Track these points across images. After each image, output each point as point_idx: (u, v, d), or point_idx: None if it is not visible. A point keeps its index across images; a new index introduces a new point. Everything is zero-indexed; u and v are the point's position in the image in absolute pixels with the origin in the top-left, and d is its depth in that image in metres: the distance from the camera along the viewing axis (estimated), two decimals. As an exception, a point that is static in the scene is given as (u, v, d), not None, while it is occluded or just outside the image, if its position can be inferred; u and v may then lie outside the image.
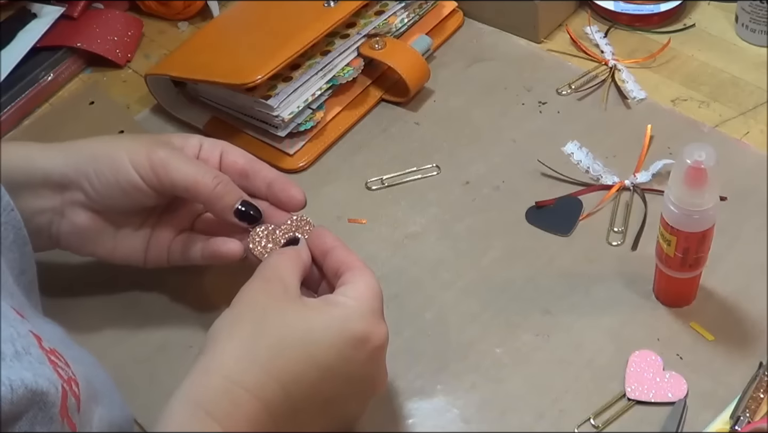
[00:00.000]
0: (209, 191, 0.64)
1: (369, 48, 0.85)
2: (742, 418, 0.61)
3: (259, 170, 0.68)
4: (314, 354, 0.54)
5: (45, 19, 0.95)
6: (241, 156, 0.69)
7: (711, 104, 0.83)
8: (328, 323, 0.55)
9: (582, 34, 0.91)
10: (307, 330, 0.55)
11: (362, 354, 0.56)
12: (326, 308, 0.56)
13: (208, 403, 0.52)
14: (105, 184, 0.65)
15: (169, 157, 0.64)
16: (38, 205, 0.66)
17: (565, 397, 0.64)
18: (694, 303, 0.68)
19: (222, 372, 0.53)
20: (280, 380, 0.53)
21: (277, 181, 0.67)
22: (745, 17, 0.87)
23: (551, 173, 0.78)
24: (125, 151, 0.65)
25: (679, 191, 0.60)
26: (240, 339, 0.54)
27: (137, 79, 0.93)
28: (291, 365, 0.54)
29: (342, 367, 0.55)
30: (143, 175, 0.64)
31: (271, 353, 0.54)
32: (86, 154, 0.66)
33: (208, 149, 0.69)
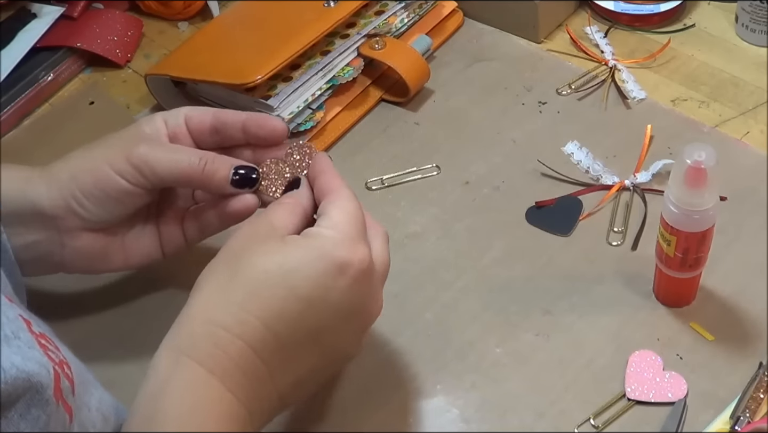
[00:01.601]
0: (198, 174, 0.62)
1: (369, 48, 0.85)
2: (742, 418, 0.61)
3: (227, 119, 0.66)
4: (292, 286, 0.53)
5: (45, 19, 0.95)
6: (204, 113, 0.66)
7: (711, 104, 0.83)
8: (304, 254, 0.54)
9: (582, 34, 0.91)
10: (282, 264, 0.53)
11: (343, 281, 0.54)
12: (302, 240, 0.55)
13: (190, 348, 0.52)
14: (95, 201, 0.63)
15: (148, 153, 0.62)
16: (32, 238, 0.64)
17: (564, 397, 0.64)
18: (693, 303, 0.68)
19: (201, 316, 0.53)
20: (261, 317, 0.52)
21: (251, 121, 0.65)
22: (745, 17, 0.87)
23: (551, 173, 0.78)
24: (103, 161, 0.63)
25: (679, 191, 0.60)
26: (217, 282, 0.54)
27: (137, 79, 0.93)
28: (270, 301, 0.53)
29: (324, 296, 0.54)
30: (130, 179, 0.63)
31: (247, 290, 0.53)
32: (66, 178, 0.64)
33: (173, 124, 0.66)
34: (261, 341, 0.52)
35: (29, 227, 0.64)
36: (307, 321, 0.54)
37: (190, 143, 0.66)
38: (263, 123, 0.65)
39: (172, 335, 0.53)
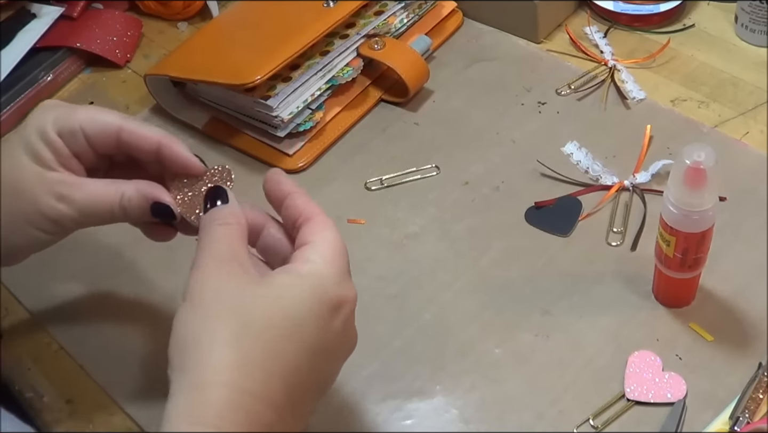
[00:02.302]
0: (123, 219, 0.60)
1: (368, 48, 0.85)
2: (741, 418, 0.61)
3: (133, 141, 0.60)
4: (301, 336, 0.51)
5: (44, 19, 0.95)
6: (107, 128, 0.60)
7: (710, 104, 0.83)
8: (307, 299, 0.52)
9: (581, 34, 0.91)
10: (288, 313, 0.51)
11: (339, 320, 0.53)
12: (300, 282, 0.52)
13: (217, 418, 0.48)
14: (19, 252, 0.61)
15: (68, 213, 0.59)
16: None
17: (564, 397, 0.64)
18: (693, 303, 0.68)
19: (222, 382, 0.49)
20: (282, 375, 0.50)
21: (165, 150, 0.60)
22: (745, 17, 0.87)
23: (551, 174, 0.78)
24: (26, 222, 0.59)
25: (679, 192, 0.60)
26: (226, 342, 0.50)
27: (137, 80, 0.93)
28: (287, 356, 0.51)
29: (325, 337, 0.53)
30: (58, 232, 0.60)
31: (266, 349, 0.50)
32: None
33: (72, 141, 0.60)
34: (279, 399, 0.50)
35: None
36: (314, 367, 0.53)
37: (93, 159, 0.61)
38: (176, 157, 0.60)
39: (186, 404, 0.49)
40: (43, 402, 0.69)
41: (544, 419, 0.63)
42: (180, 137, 0.86)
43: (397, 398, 0.65)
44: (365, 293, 0.72)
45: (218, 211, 0.56)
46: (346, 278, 0.54)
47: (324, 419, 0.65)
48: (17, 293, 0.75)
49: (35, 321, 0.74)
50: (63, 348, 0.72)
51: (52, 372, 0.70)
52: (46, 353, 0.72)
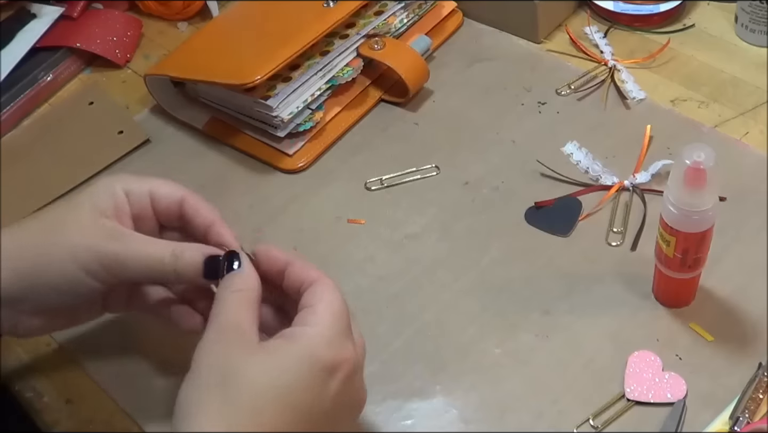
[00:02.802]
0: (171, 273, 0.59)
1: (368, 48, 0.85)
2: (741, 418, 0.61)
3: (193, 214, 0.62)
4: (292, 402, 0.51)
5: (44, 19, 0.95)
6: (170, 196, 0.62)
7: (710, 104, 0.83)
8: (293, 363, 0.52)
9: (581, 34, 0.91)
10: (276, 379, 0.52)
11: (336, 383, 0.53)
12: (289, 346, 0.53)
13: None
14: (61, 295, 0.60)
15: (120, 254, 0.58)
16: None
17: (564, 397, 0.64)
18: (693, 304, 0.68)
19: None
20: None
21: (213, 231, 0.61)
22: (745, 17, 0.87)
23: (550, 174, 0.78)
24: (68, 255, 0.58)
25: (679, 192, 0.60)
26: (214, 409, 0.50)
27: (137, 80, 0.93)
28: (274, 420, 0.51)
29: (321, 402, 0.53)
30: (98, 278, 0.59)
31: (251, 415, 0.50)
32: (27, 269, 0.59)
33: (137, 201, 0.62)
34: None
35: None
36: (310, 427, 0.53)
37: (154, 226, 0.63)
38: (227, 242, 0.61)
39: None
40: (43, 402, 0.69)
41: (543, 419, 0.63)
42: (180, 137, 0.87)
43: (397, 398, 0.65)
44: (365, 293, 0.72)
45: (231, 278, 0.56)
46: (342, 339, 0.54)
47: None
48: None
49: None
50: (63, 348, 0.72)
51: (52, 372, 0.70)
52: (46, 353, 0.72)
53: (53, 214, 0.61)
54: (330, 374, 0.53)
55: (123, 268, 0.58)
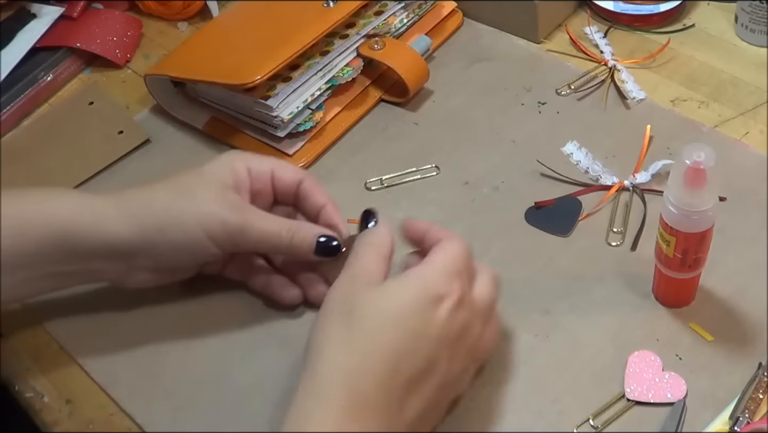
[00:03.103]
0: (286, 246, 0.66)
1: (368, 48, 0.85)
2: (741, 418, 0.61)
3: (308, 195, 0.70)
4: (399, 326, 0.56)
5: (44, 19, 0.95)
6: (291, 176, 0.70)
7: (710, 104, 0.83)
8: (404, 294, 0.57)
9: (581, 34, 0.91)
10: (388, 308, 0.57)
11: (442, 311, 0.57)
12: (404, 281, 0.58)
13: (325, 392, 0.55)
14: (181, 256, 0.67)
15: (243, 224, 0.65)
16: (101, 268, 0.67)
17: (564, 397, 0.64)
18: (693, 303, 0.68)
19: (331, 365, 0.55)
20: (383, 359, 0.55)
21: (325, 212, 0.69)
22: (745, 17, 0.87)
23: (550, 174, 0.78)
24: (195, 221, 0.65)
25: (679, 192, 0.60)
26: (337, 336, 0.57)
27: (137, 80, 0.93)
28: (386, 344, 0.56)
29: (428, 326, 0.57)
30: (222, 246, 0.66)
31: (365, 339, 0.56)
32: (154, 227, 0.65)
33: (258, 178, 0.69)
34: (385, 378, 0.55)
35: (99, 259, 0.66)
36: (420, 352, 0.57)
37: (270, 201, 0.70)
38: (336, 223, 0.69)
39: (306, 384, 0.56)
40: (43, 402, 0.69)
41: (543, 418, 0.63)
42: (180, 137, 0.87)
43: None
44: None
45: (366, 234, 0.63)
46: (451, 276, 0.58)
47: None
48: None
49: (35, 321, 0.73)
50: (63, 348, 0.72)
51: (52, 372, 0.70)
52: (46, 353, 0.72)
53: (182, 181, 0.67)
54: (435, 305, 0.57)
55: (243, 238, 0.65)
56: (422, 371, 0.57)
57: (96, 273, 0.68)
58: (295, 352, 0.69)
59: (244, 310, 0.72)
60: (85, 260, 0.66)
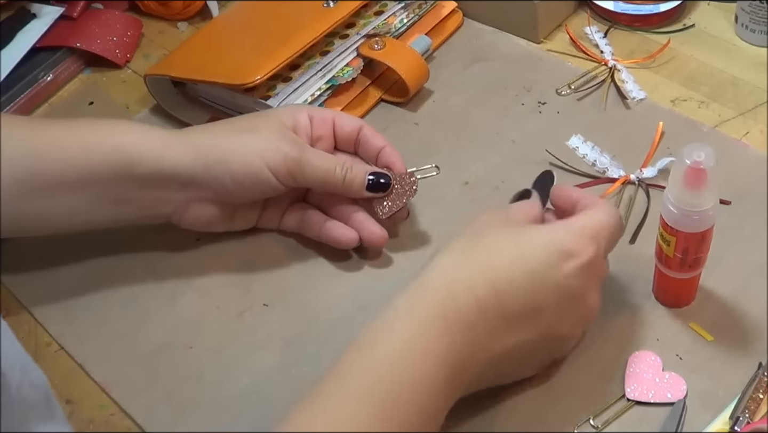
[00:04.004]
0: (339, 183, 0.70)
1: (368, 48, 0.85)
2: (741, 418, 0.61)
3: (368, 139, 0.74)
4: (522, 260, 0.58)
5: (44, 19, 0.95)
6: (352, 123, 0.74)
7: (710, 104, 0.83)
8: (538, 235, 0.60)
9: (581, 34, 0.91)
10: (517, 242, 0.59)
11: (569, 267, 0.58)
12: (538, 228, 0.61)
13: (426, 292, 0.57)
14: (241, 187, 0.69)
15: (302, 158, 0.69)
16: (162, 198, 0.70)
17: (564, 397, 0.64)
18: (693, 303, 0.68)
19: (440, 272, 0.58)
20: (493, 281, 0.57)
21: (384, 153, 0.73)
22: (745, 17, 0.87)
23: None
24: (257, 155, 0.68)
25: (679, 192, 0.60)
26: (458, 248, 0.59)
27: (137, 80, 0.93)
28: (502, 269, 0.57)
29: (549, 275, 0.58)
30: (281, 179, 0.69)
31: (484, 256, 0.58)
32: (217, 157, 0.68)
33: (320, 126, 0.73)
34: (488, 303, 0.57)
35: (163, 187, 0.70)
36: (531, 295, 0.58)
37: (332, 147, 0.74)
38: (392, 161, 0.73)
39: (411, 286, 0.58)
40: (43, 402, 0.69)
41: (544, 419, 0.63)
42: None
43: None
44: (366, 292, 0.72)
45: (522, 204, 0.65)
46: (587, 239, 0.59)
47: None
48: (17, 292, 0.75)
49: (35, 321, 0.73)
50: (63, 348, 0.72)
51: (52, 372, 0.70)
52: (46, 353, 0.72)
53: (245, 120, 0.73)
54: (564, 259, 0.58)
55: (301, 172, 0.69)
56: (525, 314, 0.58)
57: (156, 203, 0.70)
58: (296, 352, 0.69)
59: (244, 310, 0.72)
60: (148, 185, 0.69)
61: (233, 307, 0.72)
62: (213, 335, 0.71)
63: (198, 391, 0.68)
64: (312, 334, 0.70)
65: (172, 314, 0.72)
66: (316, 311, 0.71)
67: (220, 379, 0.68)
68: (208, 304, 0.73)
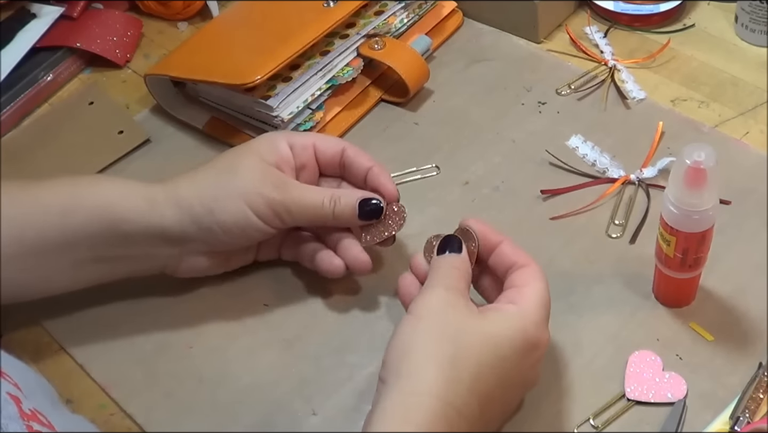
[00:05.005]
0: (330, 217, 0.67)
1: (368, 48, 0.85)
2: (741, 418, 0.61)
3: (353, 161, 0.70)
4: (504, 369, 0.58)
5: (44, 19, 0.95)
6: (333, 147, 0.71)
7: (711, 104, 0.83)
8: (512, 337, 0.58)
9: (582, 34, 0.91)
10: (496, 348, 0.57)
11: (531, 359, 0.59)
12: (507, 321, 0.59)
13: (427, 424, 0.54)
14: (232, 237, 0.67)
15: (286, 200, 0.66)
16: (152, 253, 0.69)
17: (564, 397, 0.64)
18: (693, 303, 0.68)
19: (434, 395, 0.55)
20: (479, 397, 0.56)
21: (372, 174, 0.70)
22: (745, 17, 0.87)
23: (550, 173, 0.78)
24: (240, 198, 0.66)
25: (679, 192, 0.60)
26: (442, 361, 0.56)
27: (137, 79, 0.93)
28: (487, 385, 0.57)
29: (518, 374, 0.59)
30: (270, 223, 0.67)
31: (472, 374, 0.56)
32: (199, 208, 0.66)
33: (301, 153, 0.70)
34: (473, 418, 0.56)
35: (150, 244, 0.68)
36: (504, 398, 0.59)
37: (316, 174, 0.72)
38: (380, 185, 0.69)
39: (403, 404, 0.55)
40: (43, 402, 0.69)
41: (544, 418, 0.63)
42: (180, 137, 0.87)
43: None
44: (366, 292, 0.72)
45: (452, 257, 0.62)
46: (545, 323, 0.60)
47: (325, 418, 0.65)
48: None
49: (35, 321, 0.73)
50: (63, 348, 0.72)
51: (52, 372, 0.70)
52: (46, 353, 0.72)
53: (226, 161, 0.69)
54: (531, 351, 0.59)
55: (288, 213, 0.67)
56: (498, 412, 0.60)
57: (147, 258, 0.69)
58: (296, 352, 0.69)
59: (244, 310, 0.72)
60: (135, 243, 0.67)
61: (233, 307, 0.72)
62: (213, 335, 0.71)
63: (198, 391, 0.68)
64: (312, 334, 0.70)
65: (172, 314, 0.72)
66: (316, 311, 0.71)
67: (220, 379, 0.68)
68: (208, 304, 0.73)
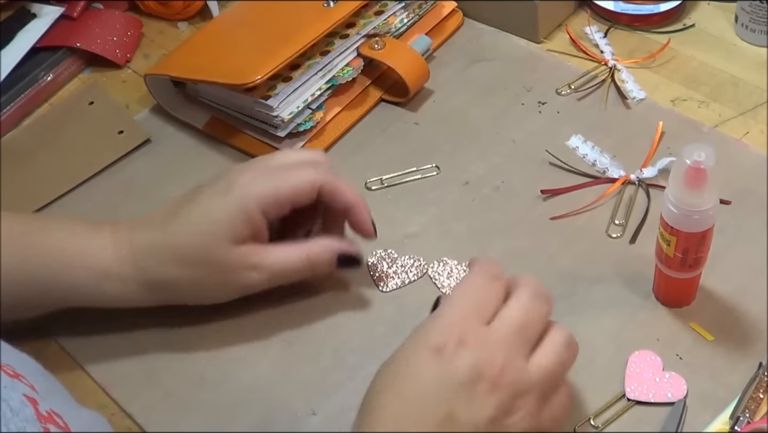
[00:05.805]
0: (309, 273, 0.68)
1: (368, 48, 0.85)
2: (741, 418, 0.61)
3: (332, 199, 0.68)
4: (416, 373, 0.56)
5: (44, 19, 0.95)
6: (309, 191, 0.68)
7: (711, 104, 0.83)
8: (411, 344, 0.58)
9: (582, 34, 0.91)
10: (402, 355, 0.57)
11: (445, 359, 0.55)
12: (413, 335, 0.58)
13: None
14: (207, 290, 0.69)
15: (261, 281, 0.67)
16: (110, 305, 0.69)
17: (564, 397, 0.64)
18: (693, 303, 0.68)
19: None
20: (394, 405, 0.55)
21: (352, 213, 0.69)
22: (745, 17, 0.87)
23: (550, 173, 0.78)
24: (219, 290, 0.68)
25: (679, 192, 0.60)
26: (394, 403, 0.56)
27: (137, 79, 0.93)
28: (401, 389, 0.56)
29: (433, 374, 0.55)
30: (253, 283, 0.68)
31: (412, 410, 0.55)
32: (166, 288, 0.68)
33: (277, 211, 0.68)
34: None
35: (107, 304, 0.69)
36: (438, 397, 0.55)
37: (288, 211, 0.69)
38: (359, 223, 0.69)
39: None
40: (43, 402, 0.69)
41: (544, 418, 0.63)
42: (180, 137, 0.87)
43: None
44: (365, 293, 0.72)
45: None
46: (453, 323, 0.56)
47: (324, 419, 0.65)
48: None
49: (35, 321, 0.73)
50: (63, 348, 0.72)
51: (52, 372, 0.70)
52: (46, 353, 0.71)
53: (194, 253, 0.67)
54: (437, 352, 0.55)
55: (268, 285, 0.68)
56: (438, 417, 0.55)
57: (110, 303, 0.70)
58: (296, 352, 0.69)
59: (244, 310, 0.72)
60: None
61: (233, 307, 0.72)
62: (213, 335, 0.71)
63: (198, 391, 0.68)
64: (312, 334, 0.70)
65: (172, 314, 0.72)
66: (316, 311, 0.71)
67: (220, 379, 0.68)
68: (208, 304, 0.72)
